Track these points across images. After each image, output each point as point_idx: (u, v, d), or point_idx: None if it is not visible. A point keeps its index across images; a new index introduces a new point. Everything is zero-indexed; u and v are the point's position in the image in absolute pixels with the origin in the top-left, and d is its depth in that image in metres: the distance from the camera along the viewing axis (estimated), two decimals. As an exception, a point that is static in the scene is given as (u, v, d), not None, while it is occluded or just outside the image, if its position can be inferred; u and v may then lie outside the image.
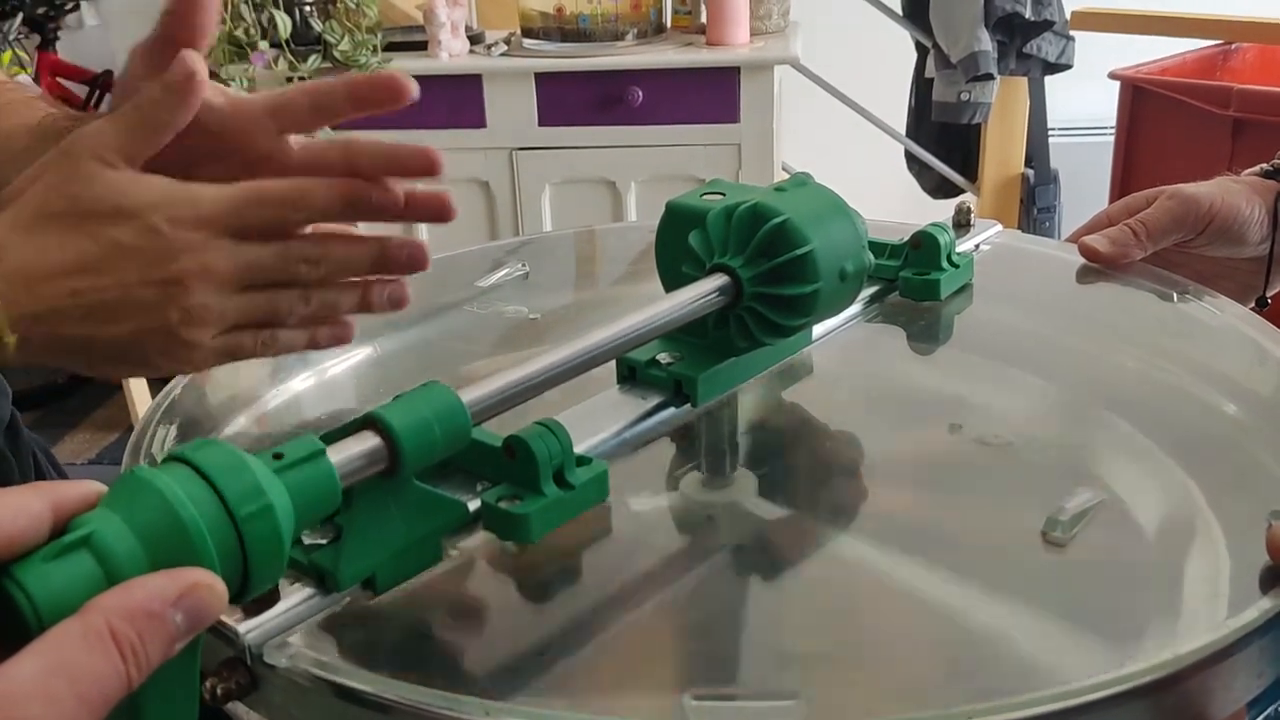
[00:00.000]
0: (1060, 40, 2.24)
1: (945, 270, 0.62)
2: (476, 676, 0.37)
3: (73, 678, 0.27)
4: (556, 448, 0.41)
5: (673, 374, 0.51)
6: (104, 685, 0.27)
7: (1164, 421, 0.51)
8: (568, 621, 0.39)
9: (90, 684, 0.27)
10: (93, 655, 0.27)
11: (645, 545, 0.43)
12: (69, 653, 0.27)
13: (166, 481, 0.30)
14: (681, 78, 1.99)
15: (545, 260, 0.76)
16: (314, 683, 0.35)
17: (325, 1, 2.06)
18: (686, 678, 0.36)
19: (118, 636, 0.28)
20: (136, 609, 0.28)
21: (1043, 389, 0.55)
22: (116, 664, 0.27)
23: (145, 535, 0.30)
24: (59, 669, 0.27)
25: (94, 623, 0.28)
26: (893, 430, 0.52)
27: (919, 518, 0.45)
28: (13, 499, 0.29)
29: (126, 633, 0.28)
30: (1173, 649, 0.35)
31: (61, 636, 0.27)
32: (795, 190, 0.51)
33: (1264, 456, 0.48)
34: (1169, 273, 0.65)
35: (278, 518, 0.32)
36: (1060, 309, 0.65)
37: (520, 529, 0.40)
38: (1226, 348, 0.58)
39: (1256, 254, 0.66)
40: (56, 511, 0.30)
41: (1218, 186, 0.65)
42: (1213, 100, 1.63)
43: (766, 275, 0.49)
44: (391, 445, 0.37)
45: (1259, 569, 0.39)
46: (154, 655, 0.28)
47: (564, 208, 2.09)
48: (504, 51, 2.06)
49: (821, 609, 0.39)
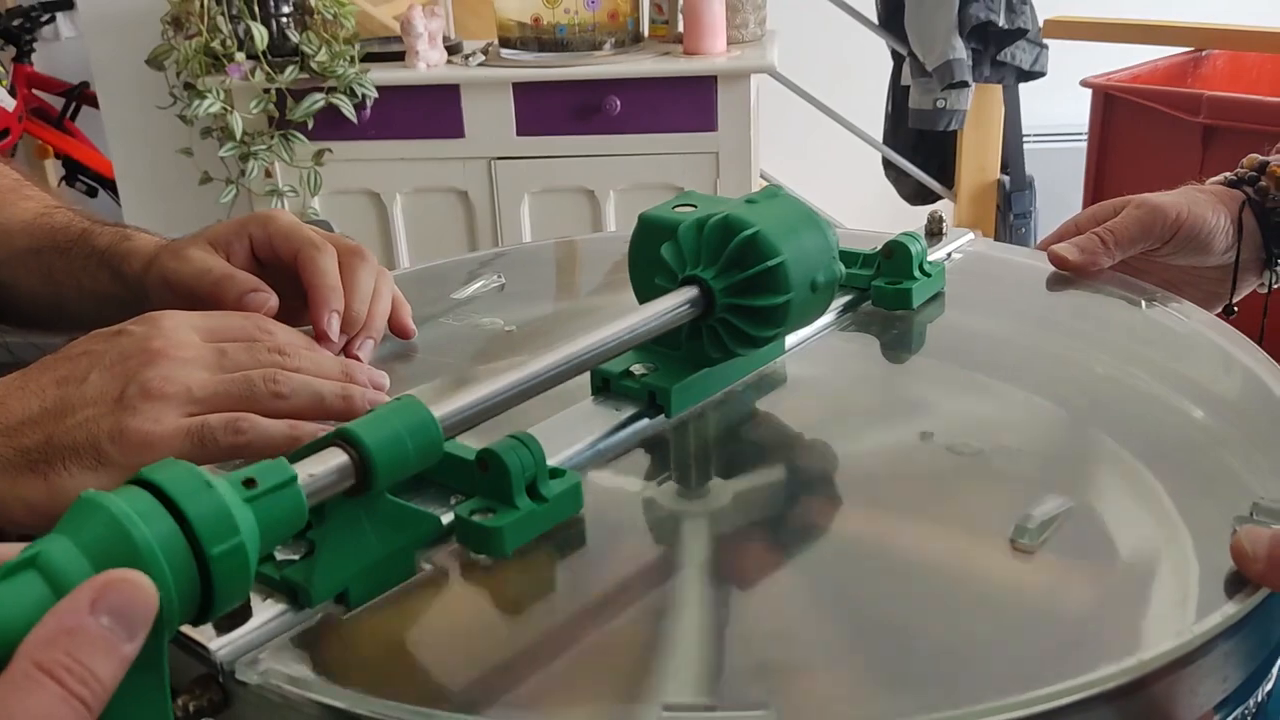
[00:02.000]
0: (1034, 48, 2.26)
1: (917, 279, 0.63)
2: (450, 690, 0.37)
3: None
4: (529, 460, 0.42)
5: (646, 385, 0.51)
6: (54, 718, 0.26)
7: (1132, 427, 0.51)
8: (541, 634, 0.39)
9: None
10: (27, 698, 0.25)
11: (619, 556, 0.44)
12: (4, 708, 0.25)
13: (116, 501, 0.30)
14: (659, 87, 2.00)
15: (521, 272, 0.76)
16: (287, 699, 0.35)
17: (302, 13, 2.06)
18: (659, 689, 0.36)
19: (45, 666, 0.26)
20: (52, 633, 0.27)
21: (1013, 396, 0.56)
22: (56, 693, 0.26)
23: (94, 553, 0.29)
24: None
25: (17, 668, 0.26)
26: (864, 439, 0.53)
27: (889, 526, 0.46)
28: None
29: (54, 659, 0.26)
30: (1139, 654, 0.35)
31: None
32: (766, 202, 0.52)
33: (1231, 461, 0.49)
34: (1137, 280, 0.66)
35: (243, 539, 0.32)
36: (1031, 317, 0.65)
37: (493, 542, 0.41)
38: (1194, 354, 0.59)
39: (1222, 262, 0.66)
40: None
41: (1184, 196, 0.66)
42: (1183, 107, 1.65)
43: (738, 286, 0.49)
44: (363, 461, 0.37)
45: (1225, 574, 0.39)
46: (99, 668, 0.27)
47: (543, 217, 2.10)
48: (482, 61, 2.06)
49: (794, 618, 0.40)
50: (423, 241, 2.15)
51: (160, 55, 2.07)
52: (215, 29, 2.02)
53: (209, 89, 2.01)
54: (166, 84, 2.11)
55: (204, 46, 2.01)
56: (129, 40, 2.19)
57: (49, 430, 0.44)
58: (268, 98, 2.01)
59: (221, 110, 2.02)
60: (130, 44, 2.18)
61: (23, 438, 0.44)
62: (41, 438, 0.44)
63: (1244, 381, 0.55)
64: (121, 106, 2.29)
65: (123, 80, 2.25)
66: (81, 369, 0.46)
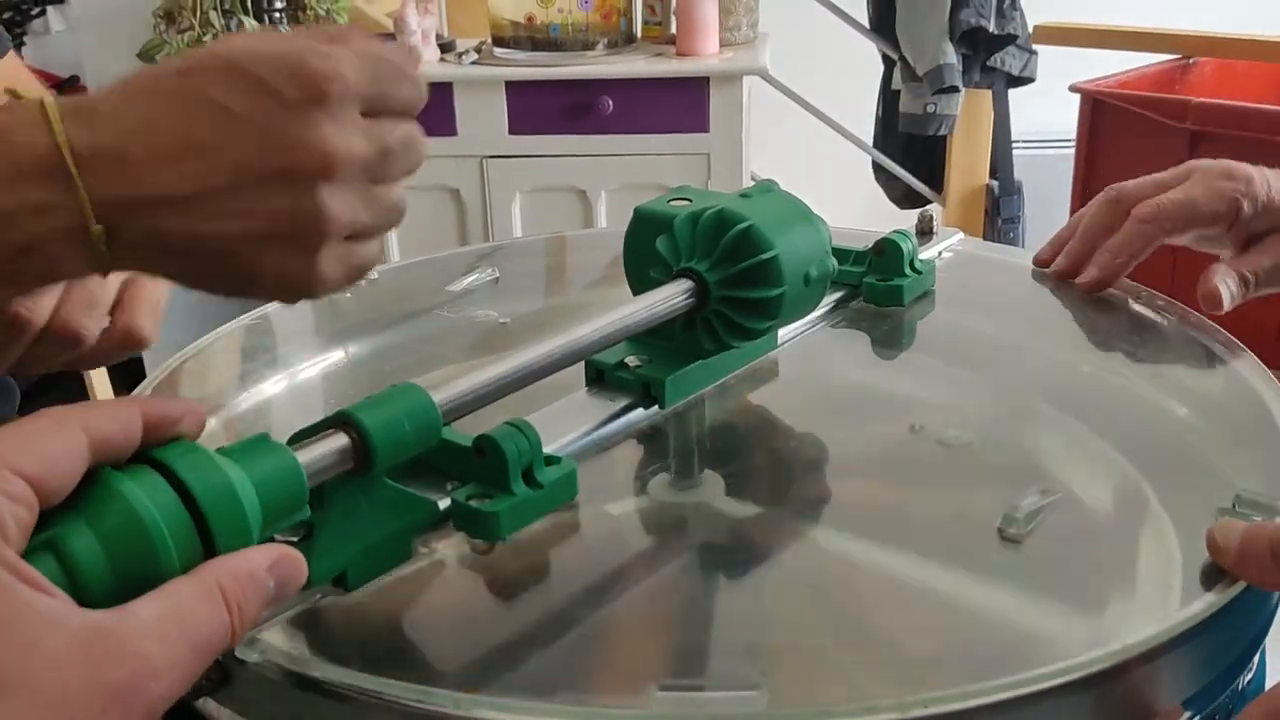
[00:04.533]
0: (1023, 54, 2.27)
1: (908, 276, 0.64)
2: (447, 671, 0.37)
3: (185, 624, 0.30)
4: (526, 447, 0.42)
5: (641, 376, 0.52)
6: (212, 634, 0.30)
7: (1117, 422, 0.52)
8: (537, 616, 0.40)
9: (200, 631, 0.30)
10: (204, 606, 0.30)
11: (613, 543, 0.44)
12: (184, 602, 0.30)
13: (136, 494, 0.31)
14: (651, 87, 2.00)
15: (516, 266, 0.77)
16: (285, 677, 0.35)
17: (295, 8, 2.06)
18: (653, 670, 0.37)
19: (226, 593, 0.31)
20: (242, 570, 0.31)
21: (1001, 391, 0.57)
22: (224, 616, 0.30)
23: (110, 543, 0.30)
24: (173, 615, 0.30)
25: (207, 579, 0.31)
26: (855, 431, 0.53)
27: (880, 516, 0.46)
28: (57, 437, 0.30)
29: (234, 590, 0.31)
30: (1120, 641, 0.36)
31: (178, 588, 0.30)
32: (760, 196, 0.52)
33: (1212, 455, 0.50)
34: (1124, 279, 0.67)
35: (249, 525, 0.33)
36: (1019, 314, 0.66)
37: (490, 527, 0.41)
38: (1177, 351, 0.60)
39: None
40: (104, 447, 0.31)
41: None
42: (1170, 113, 1.66)
43: (732, 279, 0.50)
44: (363, 443, 0.38)
45: (1205, 565, 0.40)
46: (251, 613, 0.31)
47: (534, 216, 2.10)
48: (475, 60, 2.07)
49: (784, 604, 0.40)
50: (414, 239, 2.15)
51: (152, 49, 2.07)
52: (208, 23, 2.02)
53: (201, 84, 2.01)
54: (158, 78, 2.10)
55: (196, 41, 2.01)
56: (120, 34, 2.18)
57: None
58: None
59: (214, 105, 2.02)
60: (121, 38, 2.17)
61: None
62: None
63: (1226, 378, 0.56)
64: (113, 100, 2.28)
65: (114, 74, 2.24)
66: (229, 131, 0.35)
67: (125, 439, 0.32)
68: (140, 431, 0.32)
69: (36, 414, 0.31)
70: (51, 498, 0.30)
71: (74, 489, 0.30)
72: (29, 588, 0.28)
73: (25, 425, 0.30)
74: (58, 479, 0.30)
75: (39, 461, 0.29)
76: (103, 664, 0.28)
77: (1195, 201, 0.62)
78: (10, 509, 0.28)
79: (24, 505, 0.29)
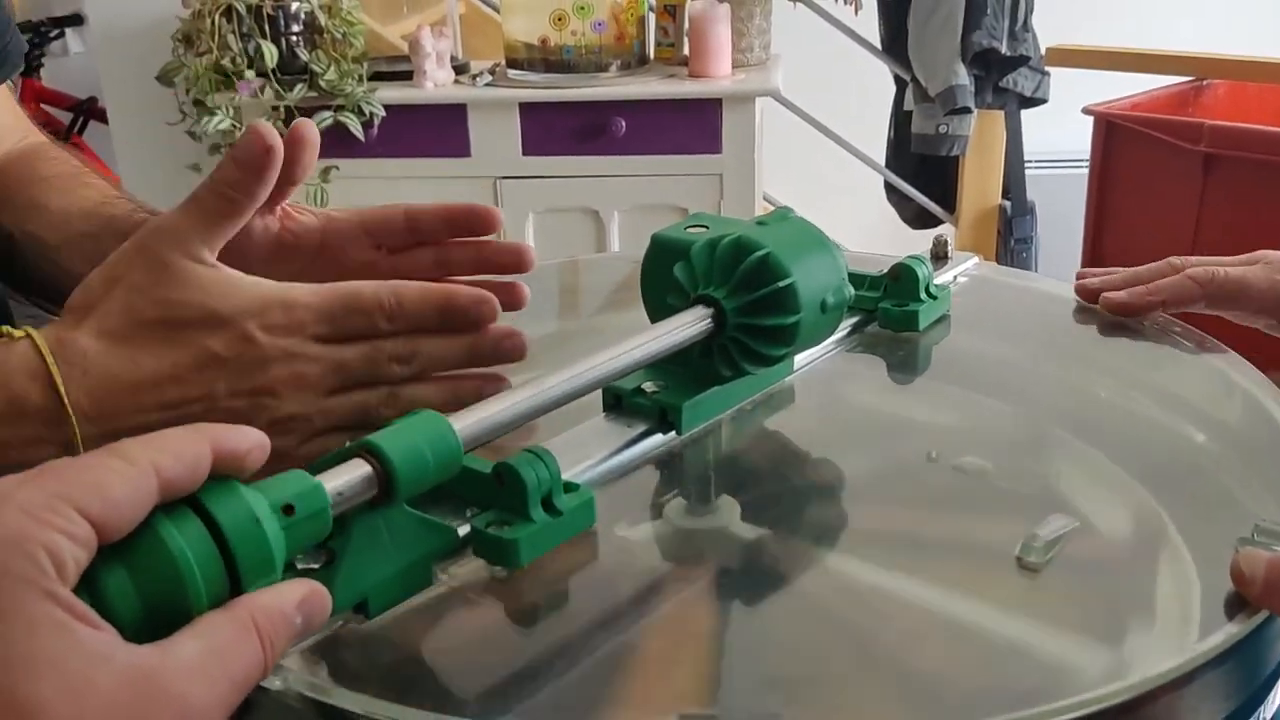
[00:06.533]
0: (1036, 75, 2.28)
1: (923, 301, 0.64)
2: (466, 699, 0.37)
3: (225, 661, 0.30)
4: (545, 474, 0.42)
5: (658, 402, 0.52)
6: (250, 669, 0.31)
7: (1135, 450, 0.52)
8: (555, 645, 0.40)
9: (240, 667, 0.31)
10: (241, 642, 0.31)
11: (631, 570, 0.44)
12: (222, 639, 0.31)
13: (176, 538, 0.31)
14: (664, 109, 2.02)
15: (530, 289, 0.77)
16: (306, 704, 0.35)
17: (312, 31, 2.08)
18: (671, 700, 0.37)
19: (260, 629, 0.31)
20: (274, 606, 0.32)
21: (1018, 418, 0.57)
22: (260, 652, 0.31)
23: (143, 584, 0.31)
24: (213, 652, 0.30)
25: (242, 616, 0.31)
26: (871, 458, 0.53)
27: (896, 544, 0.46)
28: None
29: (267, 626, 0.32)
30: (1141, 672, 0.36)
31: (215, 625, 0.31)
32: (777, 224, 0.53)
33: (1231, 484, 0.50)
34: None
35: (275, 562, 0.33)
36: (1034, 340, 0.66)
37: (509, 554, 0.41)
38: (1196, 378, 0.60)
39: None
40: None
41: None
42: (1184, 135, 1.66)
43: (749, 306, 0.50)
44: (385, 472, 0.38)
45: (1226, 595, 0.40)
46: (281, 648, 0.32)
47: (547, 236, 2.11)
48: (489, 82, 2.08)
49: (801, 633, 0.40)
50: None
51: (171, 72, 2.09)
52: (226, 47, 2.04)
53: (219, 106, 2.03)
54: (176, 100, 2.13)
55: (214, 64, 2.03)
56: (138, 56, 2.21)
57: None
58: (276, 115, 2.03)
59: (231, 127, 2.04)
60: (139, 60, 2.20)
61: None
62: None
63: (1244, 405, 0.56)
64: (130, 122, 2.31)
65: (132, 96, 2.27)
66: (201, 368, 0.44)
67: (191, 483, 0.32)
68: (206, 473, 0.32)
69: (110, 448, 0.31)
70: (111, 538, 0.30)
71: None
72: (84, 625, 0.28)
73: (98, 462, 0.30)
74: (121, 522, 0.30)
75: (106, 506, 0.29)
76: (149, 705, 0.28)
77: (1249, 282, 0.62)
78: (72, 550, 0.28)
79: (85, 548, 0.29)
